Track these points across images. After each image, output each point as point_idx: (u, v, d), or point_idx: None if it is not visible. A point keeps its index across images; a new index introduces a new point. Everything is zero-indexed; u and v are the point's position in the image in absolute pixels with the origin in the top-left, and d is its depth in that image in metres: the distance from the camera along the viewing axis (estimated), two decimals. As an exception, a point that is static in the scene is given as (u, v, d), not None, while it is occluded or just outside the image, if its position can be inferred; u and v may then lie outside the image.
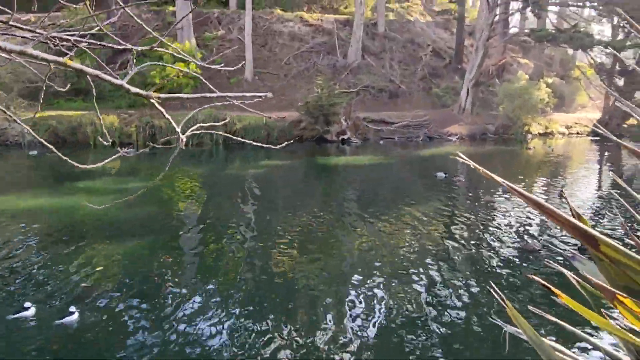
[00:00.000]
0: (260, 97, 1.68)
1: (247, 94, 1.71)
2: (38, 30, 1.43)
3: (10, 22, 1.37)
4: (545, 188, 14.43)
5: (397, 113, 25.85)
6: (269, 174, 16.53)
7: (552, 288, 1.29)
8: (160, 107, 1.47)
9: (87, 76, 1.37)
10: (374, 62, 29.65)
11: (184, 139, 1.56)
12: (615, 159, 20.87)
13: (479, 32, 26.46)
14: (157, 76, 21.59)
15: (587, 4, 26.92)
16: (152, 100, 1.41)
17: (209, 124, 1.85)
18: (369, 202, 12.24)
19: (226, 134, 1.80)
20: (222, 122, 2.33)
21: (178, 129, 1.55)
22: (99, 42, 1.75)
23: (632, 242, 1.45)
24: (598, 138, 27.04)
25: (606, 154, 22.84)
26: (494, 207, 11.87)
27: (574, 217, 1.43)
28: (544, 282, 1.34)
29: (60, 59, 1.27)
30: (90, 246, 8.29)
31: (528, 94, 24.90)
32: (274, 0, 34.14)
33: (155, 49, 1.95)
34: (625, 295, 1.19)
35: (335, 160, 19.15)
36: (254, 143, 2.03)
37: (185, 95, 1.65)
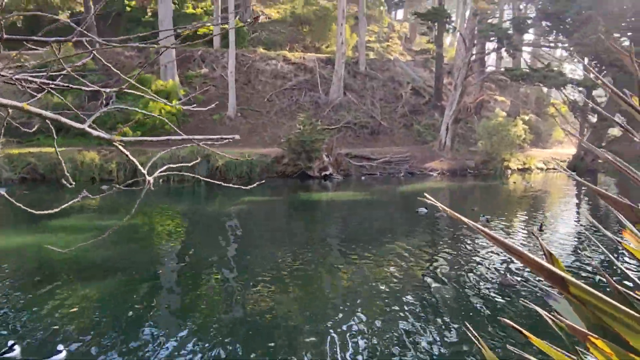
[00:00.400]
0: (227, 139, 1.68)
1: (214, 137, 1.70)
2: (2, 73, 1.42)
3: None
4: (524, 223, 14.59)
5: (379, 149, 26.17)
6: (251, 210, 16.43)
7: (524, 331, 1.27)
8: (124, 150, 1.45)
9: (48, 121, 1.34)
10: (355, 99, 30.18)
11: (151, 181, 1.54)
12: (592, 195, 21.30)
13: (457, 70, 27.27)
14: (139, 113, 21.55)
15: (559, 45, 28.04)
16: (115, 144, 1.39)
17: (178, 165, 1.82)
18: (351, 238, 12.19)
19: (192, 175, 1.78)
20: (193, 163, 2.30)
21: (144, 171, 1.53)
22: (66, 85, 1.73)
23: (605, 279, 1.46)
24: (574, 173, 27.62)
25: (583, 189, 23.32)
26: (474, 241, 11.91)
27: (546, 257, 1.43)
28: (515, 326, 1.33)
29: (18, 104, 1.25)
30: (67, 286, 8.04)
31: (506, 130, 25.52)
32: (257, 40, 34.84)
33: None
34: (597, 337, 1.17)
35: (318, 196, 19.15)
36: (220, 183, 2.00)
37: (148, 138, 1.63)
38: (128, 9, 33.22)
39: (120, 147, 1.45)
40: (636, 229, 1.37)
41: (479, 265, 9.85)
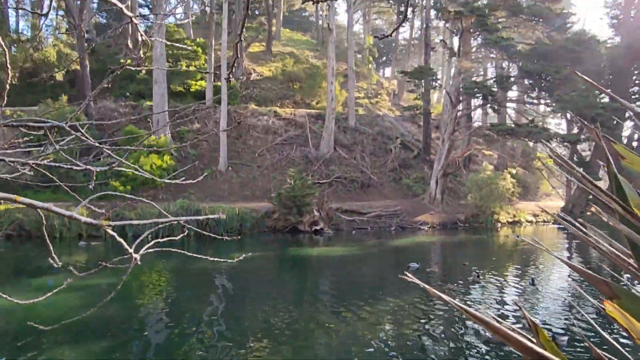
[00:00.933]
0: (214, 218, 1.72)
1: (200, 217, 1.73)
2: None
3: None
4: (517, 277, 14.50)
5: (369, 203, 26.28)
6: (241, 266, 16.17)
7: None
8: (112, 232, 1.48)
9: (38, 210, 1.37)
10: (345, 154, 30.61)
11: (138, 258, 1.55)
12: (582, 248, 21.35)
13: (444, 125, 27.95)
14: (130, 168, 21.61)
15: (542, 101, 29.00)
16: (106, 229, 1.42)
17: (166, 239, 1.84)
18: (342, 295, 12.01)
19: (182, 251, 1.79)
20: (180, 236, 2.32)
21: (131, 250, 1.55)
22: (46, 172, 1.77)
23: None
24: (563, 226, 27.80)
25: (574, 242, 23.39)
26: (466, 295, 11.78)
27: (531, 328, 1.44)
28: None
29: (10, 196, 1.28)
30: (50, 349, 7.75)
31: (494, 183, 25.87)
32: (249, 96, 35.66)
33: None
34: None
35: (309, 251, 19.00)
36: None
37: (136, 222, 1.66)
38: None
39: (109, 230, 1.47)
40: (614, 302, 1.40)
41: (469, 321, 9.69)
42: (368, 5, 52.96)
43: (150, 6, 40.16)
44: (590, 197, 26.60)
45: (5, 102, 1.67)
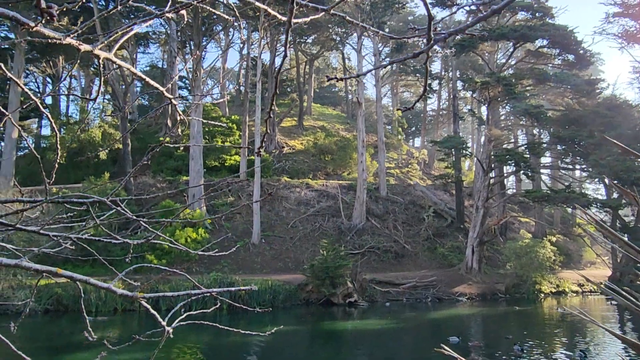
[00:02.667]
0: (245, 289, 1.77)
1: (231, 288, 1.78)
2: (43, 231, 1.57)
3: (17, 226, 1.51)
4: (564, 351, 13.57)
5: (404, 273, 25.67)
6: (274, 340, 15.78)
7: None
8: (146, 305, 1.53)
9: (77, 282, 1.45)
10: (378, 224, 30.41)
11: (170, 330, 1.59)
12: (636, 320, 19.96)
13: (477, 193, 27.64)
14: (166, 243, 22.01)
15: (577, 167, 28.52)
16: (140, 301, 1.48)
17: (198, 311, 1.88)
18: (378, 371, 11.47)
19: (213, 324, 1.82)
20: (212, 309, 2.35)
21: (164, 323, 1.59)
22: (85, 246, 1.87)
23: None
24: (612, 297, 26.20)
25: (626, 314, 21.93)
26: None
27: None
28: None
29: (52, 269, 1.37)
30: None
31: (534, 252, 24.93)
32: (281, 169, 36.51)
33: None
34: None
35: (343, 324, 18.44)
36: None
37: (169, 294, 1.71)
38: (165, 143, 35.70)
39: (143, 302, 1.53)
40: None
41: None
42: (395, 80, 54.75)
43: (189, 87, 42.71)
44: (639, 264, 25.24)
45: (52, 180, 1.81)
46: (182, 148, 35.35)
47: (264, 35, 33.52)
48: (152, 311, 1.62)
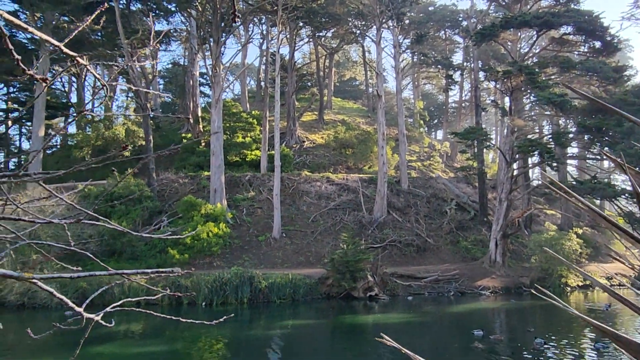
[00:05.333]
0: (164, 272, 1.75)
1: (148, 270, 1.77)
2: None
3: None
4: (586, 349, 13.23)
5: (426, 267, 25.43)
6: (295, 334, 15.85)
7: None
8: (44, 286, 1.52)
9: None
10: (399, 217, 30.18)
11: (96, 319, 1.57)
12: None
13: (500, 185, 27.14)
14: (189, 237, 22.32)
15: (605, 157, 27.71)
16: (32, 282, 1.45)
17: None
18: (398, 365, 11.39)
19: (154, 313, 1.79)
20: (157, 296, 2.33)
21: (79, 309, 1.57)
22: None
23: None
24: (643, 289, 25.46)
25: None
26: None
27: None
28: None
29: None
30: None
31: (559, 244, 24.39)
32: (302, 163, 36.54)
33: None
34: None
35: (363, 318, 18.38)
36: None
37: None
38: (184, 140, 36.14)
39: (39, 283, 1.52)
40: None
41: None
42: (416, 72, 54.12)
43: (210, 83, 43.07)
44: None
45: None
46: (203, 144, 35.71)
47: (282, 29, 33.47)
48: (59, 295, 1.62)
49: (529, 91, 27.45)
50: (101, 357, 11.92)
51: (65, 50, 1.41)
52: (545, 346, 12.53)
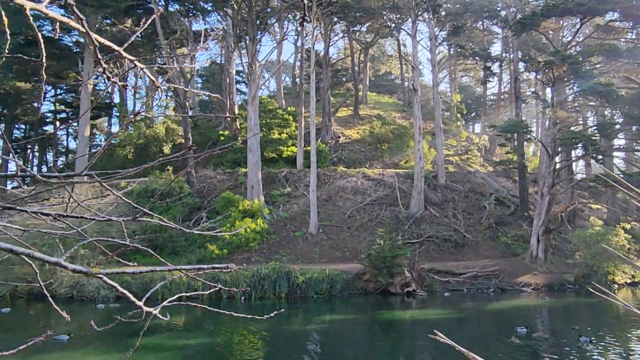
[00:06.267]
0: (220, 268, 1.79)
1: (205, 266, 1.82)
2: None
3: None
4: (638, 348, 12.74)
5: (464, 263, 25.03)
6: (332, 329, 15.95)
7: None
8: (109, 281, 1.59)
9: (22, 256, 1.53)
10: (436, 213, 29.80)
11: (154, 313, 1.65)
12: None
13: (542, 179, 26.36)
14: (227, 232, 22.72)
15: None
16: (98, 277, 1.53)
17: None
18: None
19: (203, 306, 1.86)
20: (209, 291, 2.40)
21: (139, 303, 1.64)
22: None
23: None
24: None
25: None
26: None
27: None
28: None
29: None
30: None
31: (605, 240, 23.49)
32: (337, 159, 36.57)
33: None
34: None
35: (401, 314, 18.29)
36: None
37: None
38: (222, 137, 36.81)
39: (105, 279, 1.60)
40: None
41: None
42: (453, 64, 53.10)
43: (246, 81, 43.59)
44: None
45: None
46: (240, 141, 36.21)
47: (317, 25, 33.51)
48: (122, 290, 1.70)
49: (572, 81, 26.51)
50: (145, 348, 12.35)
51: (125, 54, 1.50)
52: (591, 345, 12.14)
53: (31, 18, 1.48)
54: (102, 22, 33.75)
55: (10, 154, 1.79)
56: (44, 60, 1.68)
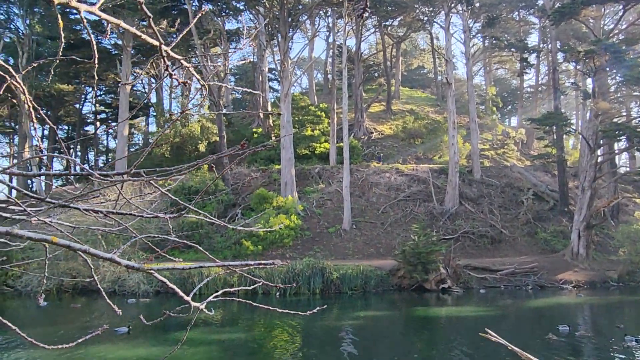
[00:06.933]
0: (266, 264, 1.82)
1: (252, 262, 1.85)
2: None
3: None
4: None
5: (501, 259, 24.54)
6: (366, 325, 15.94)
7: None
8: (159, 276, 1.64)
9: (78, 252, 1.59)
10: (472, 208, 29.29)
11: (201, 307, 1.70)
12: None
13: (583, 173, 25.52)
14: (262, 227, 23.03)
15: None
16: (149, 273, 1.58)
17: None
18: None
19: (246, 301, 1.89)
20: (253, 287, 2.44)
21: (187, 298, 1.68)
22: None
23: None
24: None
25: None
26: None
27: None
28: None
29: (47, 237, 1.51)
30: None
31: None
32: (370, 155, 36.41)
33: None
34: None
35: (436, 311, 18.10)
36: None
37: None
38: (255, 135, 37.22)
39: (156, 274, 1.65)
40: None
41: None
42: (488, 56, 51.92)
43: (279, 78, 43.91)
44: None
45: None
46: (273, 138, 36.56)
47: (348, 20, 33.39)
48: (171, 285, 1.75)
49: (614, 71, 25.51)
50: (188, 342, 12.65)
51: (172, 54, 1.55)
52: (638, 344, 11.71)
53: (85, 20, 1.55)
54: (139, 24, 34.61)
55: (63, 154, 1.88)
56: (95, 61, 1.75)
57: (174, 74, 1.51)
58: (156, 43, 1.55)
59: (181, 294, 1.82)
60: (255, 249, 23.43)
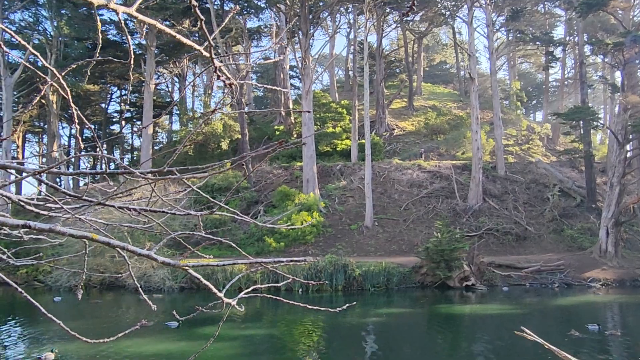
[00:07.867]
0: (298, 261, 1.84)
1: (284, 259, 1.88)
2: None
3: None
4: None
5: (526, 257, 24.16)
6: (389, 323, 15.90)
7: None
8: (194, 273, 1.67)
9: (117, 249, 1.63)
10: (496, 205, 28.89)
11: (232, 303, 1.74)
12: None
13: (612, 169, 24.91)
14: (283, 223, 23.18)
15: None
16: (184, 270, 1.62)
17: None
18: None
19: (277, 298, 1.92)
20: (283, 283, 2.47)
21: (220, 294, 1.71)
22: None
23: None
24: None
25: None
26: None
27: None
28: None
29: (87, 234, 1.55)
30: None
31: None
32: (392, 151, 36.22)
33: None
34: None
35: (460, 309, 17.94)
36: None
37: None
38: (277, 132, 37.40)
39: (190, 271, 1.70)
40: None
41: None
42: (512, 50, 50.99)
43: (300, 75, 44.01)
44: None
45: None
46: (295, 135, 36.69)
47: (369, 17, 33.22)
48: (205, 281, 1.78)
49: (645, 64, 24.79)
50: (207, 337, 12.84)
51: (205, 53, 1.60)
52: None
53: (123, 21, 1.60)
54: (162, 24, 35.10)
55: (99, 153, 1.94)
56: (131, 61, 1.81)
57: (222, 76, 1.55)
58: (198, 47, 1.59)
59: (215, 290, 1.86)
60: (278, 246, 23.58)
